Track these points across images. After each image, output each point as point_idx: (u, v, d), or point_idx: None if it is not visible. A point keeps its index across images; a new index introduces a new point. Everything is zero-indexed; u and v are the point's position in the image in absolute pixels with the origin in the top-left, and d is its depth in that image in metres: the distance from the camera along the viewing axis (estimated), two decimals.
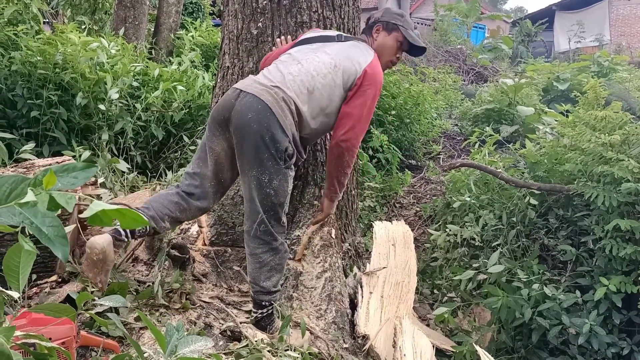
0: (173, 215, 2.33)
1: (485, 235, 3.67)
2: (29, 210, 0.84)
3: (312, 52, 2.42)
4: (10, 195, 0.89)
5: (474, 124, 7.23)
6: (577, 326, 2.85)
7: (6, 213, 0.88)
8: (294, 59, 2.39)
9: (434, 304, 3.82)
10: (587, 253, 3.27)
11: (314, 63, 2.37)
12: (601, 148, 2.82)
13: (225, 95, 2.34)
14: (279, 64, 2.40)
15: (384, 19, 2.58)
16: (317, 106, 2.34)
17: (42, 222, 0.82)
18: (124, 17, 5.83)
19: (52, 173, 0.83)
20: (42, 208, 0.80)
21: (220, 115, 2.31)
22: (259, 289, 2.34)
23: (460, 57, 15.65)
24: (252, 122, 2.18)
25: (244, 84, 2.33)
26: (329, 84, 2.35)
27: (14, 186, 0.89)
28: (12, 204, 0.85)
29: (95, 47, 4.14)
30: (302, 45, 2.50)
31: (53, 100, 3.89)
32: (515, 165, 4.59)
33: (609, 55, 11.37)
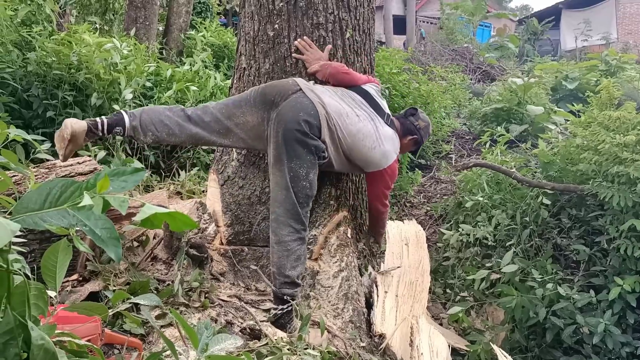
0: (157, 134, 2.44)
1: (498, 235, 3.68)
2: (82, 213, 0.87)
3: (369, 119, 2.57)
4: (60, 198, 0.92)
5: (483, 123, 7.24)
6: (591, 326, 2.86)
7: (56, 215, 0.91)
8: (355, 113, 2.55)
9: (447, 303, 3.84)
10: (600, 253, 3.29)
11: (367, 130, 2.53)
12: (616, 148, 2.84)
13: (284, 82, 2.52)
14: (343, 102, 2.55)
15: (420, 136, 2.82)
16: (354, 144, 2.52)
17: (95, 224, 0.85)
18: (135, 18, 5.87)
19: (107, 178, 0.85)
20: (96, 211, 0.83)
21: (271, 95, 2.44)
22: (284, 279, 2.37)
23: (467, 56, 15.62)
24: (301, 119, 2.33)
25: (306, 85, 2.50)
26: (362, 151, 2.53)
27: (63, 189, 0.92)
28: (64, 206, 0.88)
29: (109, 48, 4.17)
30: (365, 102, 2.64)
31: (68, 100, 3.92)
32: (527, 164, 4.60)
33: (616, 53, 11.34)
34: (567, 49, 22.52)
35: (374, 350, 2.58)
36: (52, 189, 0.92)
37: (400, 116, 2.84)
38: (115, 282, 2.40)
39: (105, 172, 0.89)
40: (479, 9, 22.90)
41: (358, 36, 2.97)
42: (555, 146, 3.82)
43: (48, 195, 0.92)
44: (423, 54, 15.28)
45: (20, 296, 0.99)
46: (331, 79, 2.69)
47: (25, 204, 0.91)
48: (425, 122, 2.83)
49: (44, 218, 0.90)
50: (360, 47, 2.99)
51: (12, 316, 0.98)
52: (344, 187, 2.91)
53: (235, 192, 2.85)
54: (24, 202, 0.91)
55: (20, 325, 1.00)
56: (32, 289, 1.00)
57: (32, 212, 0.91)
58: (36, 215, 0.90)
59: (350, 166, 2.55)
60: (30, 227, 0.89)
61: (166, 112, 2.50)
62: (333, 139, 2.44)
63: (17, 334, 1.00)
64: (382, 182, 2.63)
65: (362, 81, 2.70)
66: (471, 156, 6.47)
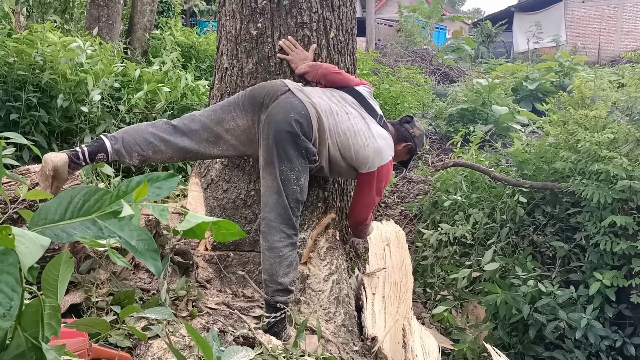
0: (143, 154, 2.31)
1: (477, 233, 3.72)
2: (114, 223, 0.79)
3: (360, 117, 2.51)
4: (82, 208, 0.84)
5: (449, 124, 7.35)
6: (574, 321, 2.92)
7: (80, 226, 0.83)
8: (345, 111, 2.48)
9: (427, 303, 3.86)
10: (577, 249, 3.37)
11: (358, 127, 2.47)
12: (596, 147, 2.91)
13: (273, 83, 2.44)
14: (332, 102, 2.48)
15: (415, 145, 2.76)
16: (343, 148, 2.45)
17: (130, 235, 0.78)
18: (97, 16, 5.64)
19: (145, 185, 0.78)
20: (135, 221, 0.75)
21: (260, 97, 2.37)
22: (276, 287, 2.29)
23: (427, 58, 15.88)
24: (292, 120, 2.26)
25: (294, 85, 2.43)
26: (355, 149, 2.44)
27: (86, 197, 0.84)
28: (93, 216, 0.80)
29: (74, 47, 3.98)
30: (356, 102, 2.58)
31: (32, 102, 3.72)
32: (498, 163, 4.69)
33: (568, 55, 11.78)
34: (520, 50, 23.24)
35: (366, 353, 2.55)
36: (74, 198, 0.84)
37: (395, 122, 2.80)
38: (97, 293, 2.28)
39: (140, 178, 0.81)
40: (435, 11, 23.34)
41: (342, 36, 2.93)
42: (529, 145, 3.90)
43: (69, 204, 0.84)
44: (384, 55, 15.44)
45: (33, 315, 0.91)
46: (323, 79, 2.64)
47: (43, 215, 0.83)
48: (420, 131, 2.79)
49: (65, 230, 0.82)
50: (344, 47, 2.96)
51: (23, 338, 0.90)
52: (331, 189, 2.87)
53: (220, 195, 2.77)
54: (42, 212, 0.83)
55: (32, 347, 0.91)
56: (46, 308, 0.91)
57: (52, 224, 0.82)
58: (57, 227, 0.82)
59: (344, 167, 2.49)
60: (52, 240, 0.80)
61: (149, 128, 2.36)
62: (324, 138, 2.38)
63: (28, 358, 0.91)
64: (374, 186, 2.53)
65: (354, 82, 2.66)
66: (440, 156, 6.55)
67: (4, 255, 0.75)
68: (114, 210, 0.80)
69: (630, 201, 2.88)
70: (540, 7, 24.32)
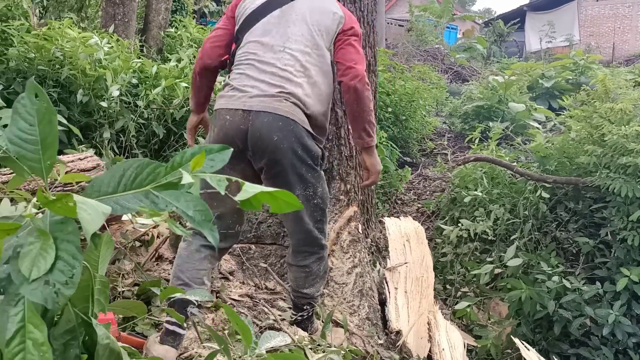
0: (207, 271, 2.03)
1: (498, 229, 3.68)
2: (170, 194, 0.77)
3: (283, 27, 2.03)
4: (135, 180, 0.82)
5: (464, 121, 7.30)
6: (601, 317, 2.88)
7: (133, 198, 0.81)
8: (271, 48, 2.00)
9: (447, 299, 3.82)
10: (602, 244, 3.32)
11: (295, 44, 2.01)
12: (624, 140, 2.87)
13: (226, 122, 1.93)
14: (256, 59, 2.00)
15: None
16: (317, 91, 2.03)
17: (187, 206, 0.76)
18: (113, 14, 5.66)
19: (203, 154, 0.76)
20: (194, 191, 0.74)
21: (231, 146, 1.87)
22: (301, 295, 2.21)
23: (439, 57, 15.82)
24: (280, 143, 1.91)
25: (244, 101, 1.94)
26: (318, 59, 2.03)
27: (139, 170, 0.83)
28: (147, 188, 0.78)
29: (93, 43, 4.00)
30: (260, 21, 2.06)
31: (53, 97, 3.73)
32: (517, 159, 4.64)
33: (583, 54, 11.68)
34: (532, 50, 23.05)
35: (390, 347, 2.52)
36: (126, 170, 0.82)
37: None
38: (123, 283, 2.27)
39: (194, 150, 0.80)
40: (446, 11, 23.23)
41: (363, 28, 2.90)
42: (549, 140, 3.85)
43: (122, 177, 0.82)
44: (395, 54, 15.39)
45: (83, 290, 0.89)
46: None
47: (96, 188, 0.81)
48: None
49: (119, 202, 0.80)
50: (365, 39, 2.93)
51: (73, 313, 0.88)
52: (353, 182, 2.85)
53: None
54: (94, 185, 0.82)
55: (82, 323, 0.90)
56: (96, 283, 0.89)
57: (105, 196, 0.81)
58: (110, 199, 0.81)
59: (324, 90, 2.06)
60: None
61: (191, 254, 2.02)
62: (304, 99, 1.98)
63: (78, 333, 0.90)
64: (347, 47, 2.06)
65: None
66: (455, 154, 6.50)
67: (63, 224, 0.73)
68: (169, 181, 0.78)
69: None
70: (553, 6, 24.12)
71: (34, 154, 0.78)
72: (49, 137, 0.78)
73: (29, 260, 0.69)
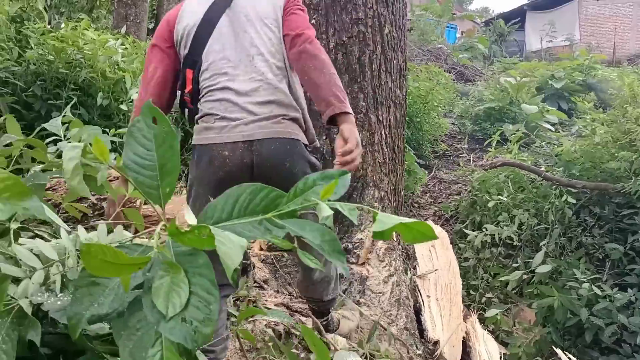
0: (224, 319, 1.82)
1: (524, 234, 3.66)
2: (294, 223, 0.74)
3: (240, 34, 1.81)
4: (249, 206, 0.79)
5: (475, 123, 7.28)
6: (635, 325, 2.86)
7: (247, 226, 0.78)
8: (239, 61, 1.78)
9: (471, 305, 3.79)
10: (631, 251, 3.30)
11: (261, 47, 1.80)
12: None
13: (227, 159, 1.67)
14: (230, 78, 1.76)
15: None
16: (296, 88, 1.84)
17: (314, 235, 0.73)
18: (125, 15, 5.61)
19: (336, 182, 0.73)
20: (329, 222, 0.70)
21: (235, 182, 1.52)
22: (324, 304, 2.14)
23: (442, 57, 15.78)
24: (293, 168, 1.73)
25: (240, 130, 1.69)
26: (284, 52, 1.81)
27: (252, 196, 0.79)
28: (269, 215, 0.75)
29: (112, 46, 3.95)
30: (211, 35, 1.81)
31: (72, 100, 3.69)
32: (536, 163, 4.61)
33: (587, 54, 11.67)
34: (533, 49, 23.05)
35: (427, 357, 2.49)
36: (240, 196, 0.79)
37: None
38: None
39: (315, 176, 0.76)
40: (447, 10, 23.23)
41: (395, 32, 2.89)
42: (573, 145, 3.82)
43: (236, 203, 0.79)
44: None
45: None
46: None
47: (210, 214, 0.78)
48: None
49: (235, 229, 0.77)
50: (397, 44, 2.91)
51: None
52: (387, 189, 2.81)
53: None
54: (209, 211, 0.78)
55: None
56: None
57: (220, 223, 0.78)
58: (226, 226, 0.77)
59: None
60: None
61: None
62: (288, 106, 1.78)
63: None
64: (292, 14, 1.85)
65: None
66: (466, 156, 6.47)
67: (192, 256, 0.70)
68: (292, 209, 0.75)
69: None
70: (553, 6, 24.13)
71: (151, 180, 0.75)
72: (169, 162, 0.74)
73: (163, 296, 0.66)
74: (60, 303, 0.81)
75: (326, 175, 0.77)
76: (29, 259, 0.85)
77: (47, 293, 0.83)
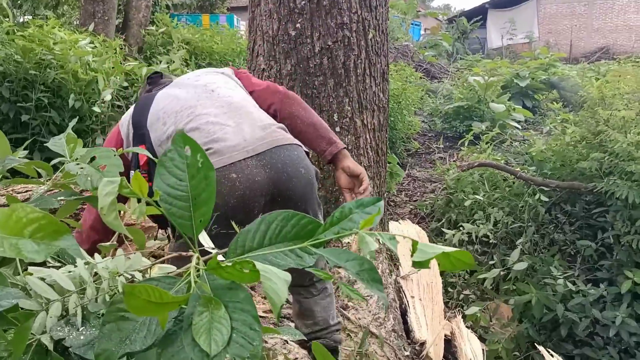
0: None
1: (499, 232, 3.75)
2: (331, 252, 0.74)
3: (185, 89, 1.70)
4: (280, 234, 0.78)
5: (445, 121, 7.40)
6: (608, 319, 2.97)
7: (279, 255, 0.77)
8: (201, 97, 1.66)
9: (449, 302, 3.87)
10: (603, 247, 3.43)
11: (210, 82, 1.73)
12: (632, 147, 2.96)
13: (236, 182, 1.48)
14: (203, 109, 1.61)
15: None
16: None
17: (351, 265, 0.73)
18: (93, 12, 5.44)
19: (378, 213, 0.73)
20: (370, 253, 0.70)
21: (250, 209, 1.52)
22: (331, 329, 1.91)
23: (408, 54, 15.95)
24: (308, 174, 1.61)
25: (244, 147, 1.52)
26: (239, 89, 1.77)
27: (283, 223, 0.78)
28: (305, 244, 0.75)
29: (84, 45, 3.84)
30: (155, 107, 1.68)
31: (42, 102, 3.57)
32: (508, 162, 4.73)
33: (547, 52, 12.02)
34: (494, 47, 23.56)
35: (414, 358, 2.53)
36: (271, 224, 0.78)
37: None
38: None
39: (351, 204, 0.76)
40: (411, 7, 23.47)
41: (379, 37, 2.90)
42: (546, 144, 3.94)
43: (267, 230, 0.78)
44: None
45: None
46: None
47: (241, 243, 0.77)
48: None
49: (267, 258, 0.76)
50: (380, 48, 2.92)
51: None
52: (372, 192, 2.83)
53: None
54: (239, 240, 0.77)
55: None
56: None
57: (251, 252, 0.77)
58: (258, 256, 0.76)
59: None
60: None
61: None
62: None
63: None
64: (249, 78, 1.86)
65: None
66: (435, 153, 6.57)
67: (232, 290, 0.69)
68: (325, 239, 0.75)
69: None
70: (513, 4, 24.71)
71: (184, 211, 0.73)
72: (203, 193, 0.73)
73: (205, 333, 0.64)
74: (83, 338, 0.79)
75: (362, 203, 0.77)
76: (44, 291, 0.82)
77: (68, 327, 0.80)
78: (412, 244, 0.73)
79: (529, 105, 8.13)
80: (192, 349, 0.64)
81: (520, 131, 6.33)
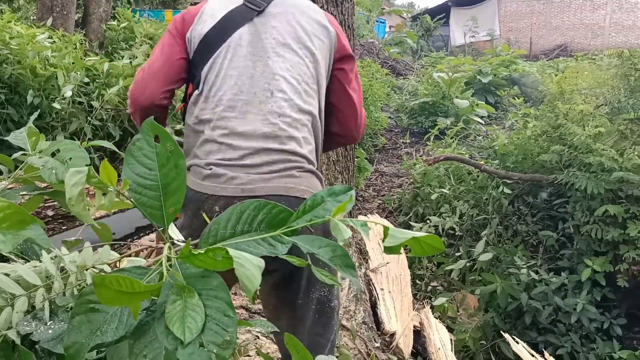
0: None
1: (465, 224, 3.83)
2: (303, 239, 0.74)
3: (262, 57, 1.41)
4: (253, 223, 0.78)
5: (411, 117, 7.49)
6: (569, 306, 3.07)
7: (251, 243, 0.77)
8: (253, 97, 1.39)
9: (417, 294, 3.93)
10: (563, 237, 3.54)
11: (285, 82, 1.41)
12: (590, 140, 3.06)
13: (215, 215, 1.29)
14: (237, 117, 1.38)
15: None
16: (317, 136, 1.50)
17: (324, 251, 0.73)
18: (50, 6, 5.27)
19: (351, 200, 0.74)
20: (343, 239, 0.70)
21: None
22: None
23: (374, 51, 16.07)
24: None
25: (242, 183, 1.33)
26: (315, 95, 1.47)
27: (255, 212, 0.79)
28: (278, 232, 0.75)
29: (42, 40, 3.72)
30: (220, 49, 1.42)
31: (0, 99, 3.45)
32: (472, 156, 4.83)
33: (509, 49, 12.31)
34: (457, 44, 23.97)
35: (384, 349, 2.56)
36: (243, 213, 0.78)
37: None
38: None
39: (323, 193, 0.77)
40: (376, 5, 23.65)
41: (345, 31, 2.90)
42: (508, 138, 4.04)
43: (239, 219, 0.78)
44: None
45: None
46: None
47: (214, 232, 0.77)
48: None
49: (239, 247, 0.76)
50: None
51: None
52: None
53: None
54: (211, 230, 0.77)
55: None
56: None
57: (224, 241, 0.76)
58: (229, 244, 0.76)
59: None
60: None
61: None
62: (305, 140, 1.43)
63: None
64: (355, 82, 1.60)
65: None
66: (401, 148, 6.65)
67: (205, 278, 0.68)
68: (297, 226, 0.75)
69: (620, 191, 3.06)
70: (475, 2, 25.18)
71: (154, 201, 0.72)
72: (173, 182, 0.72)
73: (179, 321, 0.64)
74: (51, 332, 0.77)
75: (333, 192, 0.78)
76: (8, 286, 0.80)
77: (35, 322, 0.78)
78: (384, 230, 0.74)
79: (491, 101, 8.33)
80: (165, 337, 0.64)
81: (484, 126, 6.48)
